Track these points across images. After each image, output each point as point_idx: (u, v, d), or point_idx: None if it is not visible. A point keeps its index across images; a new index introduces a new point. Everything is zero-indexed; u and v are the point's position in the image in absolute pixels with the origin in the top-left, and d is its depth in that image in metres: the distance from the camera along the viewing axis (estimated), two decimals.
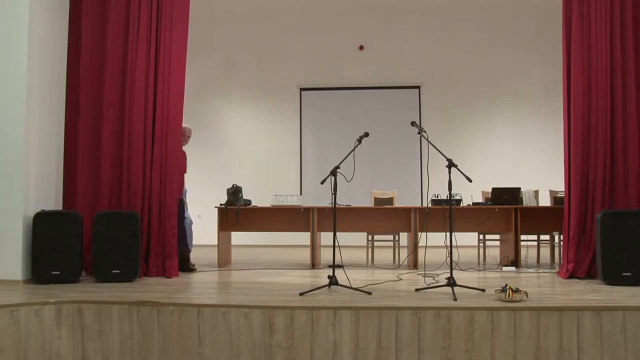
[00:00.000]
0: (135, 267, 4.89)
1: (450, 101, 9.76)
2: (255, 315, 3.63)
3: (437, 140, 4.99)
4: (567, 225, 5.13)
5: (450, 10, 9.73)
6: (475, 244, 6.79)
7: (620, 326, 3.51)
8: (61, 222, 4.76)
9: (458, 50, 9.77)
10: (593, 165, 5.05)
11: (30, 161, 4.82)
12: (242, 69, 10.12)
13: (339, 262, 4.91)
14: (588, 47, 5.14)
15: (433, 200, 6.05)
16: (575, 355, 3.49)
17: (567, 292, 4.34)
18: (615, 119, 5.07)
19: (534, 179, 8.25)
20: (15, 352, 3.61)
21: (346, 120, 9.67)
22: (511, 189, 6.03)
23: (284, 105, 10.05)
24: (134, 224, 4.91)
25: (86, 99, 5.29)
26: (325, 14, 9.90)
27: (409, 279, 5.09)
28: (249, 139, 10.06)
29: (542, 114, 9.42)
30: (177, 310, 3.71)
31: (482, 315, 3.54)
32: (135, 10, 5.28)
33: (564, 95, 5.26)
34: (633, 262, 4.59)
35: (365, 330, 3.56)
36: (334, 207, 4.55)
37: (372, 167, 9.41)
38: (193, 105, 8.53)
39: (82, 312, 3.80)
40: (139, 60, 5.24)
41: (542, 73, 9.45)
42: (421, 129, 4.73)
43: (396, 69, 9.85)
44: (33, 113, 4.85)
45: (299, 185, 9.89)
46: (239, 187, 6.16)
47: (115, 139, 5.26)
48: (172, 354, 3.68)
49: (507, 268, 5.76)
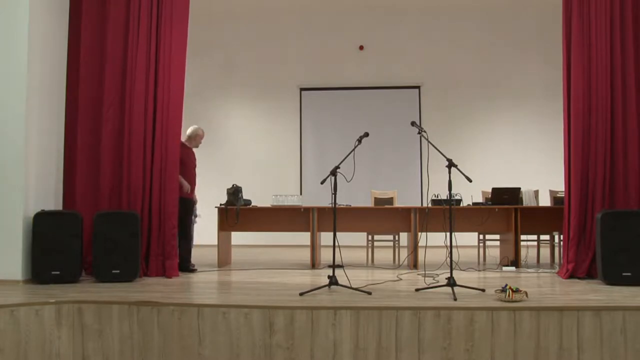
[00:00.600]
0: (135, 267, 4.89)
1: (450, 101, 9.76)
2: (255, 315, 3.63)
3: (437, 140, 4.99)
4: (567, 225, 5.13)
5: (450, 10, 9.73)
6: (475, 244, 6.79)
7: (620, 326, 3.51)
8: (61, 222, 4.76)
9: (458, 50, 9.77)
10: (593, 165, 5.05)
11: (30, 161, 4.82)
12: (242, 69, 10.12)
13: (339, 262, 4.92)
14: (588, 47, 5.14)
15: (433, 200, 6.05)
16: (575, 355, 3.49)
17: (567, 292, 4.34)
18: (615, 119, 5.06)
19: (534, 179, 8.25)
20: (15, 352, 3.61)
21: (346, 120, 9.67)
22: (511, 189, 6.03)
23: (284, 105, 10.05)
24: (134, 224, 4.91)
25: (86, 98, 5.29)
26: (325, 14, 9.90)
27: (409, 279, 5.09)
28: (249, 139, 10.06)
29: (542, 114, 9.42)
30: (177, 310, 3.71)
31: (482, 315, 3.54)
32: (135, 10, 5.28)
33: (564, 95, 5.26)
34: (633, 262, 4.59)
35: (365, 330, 3.56)
36: (334, 207, 4.55)
37: (372, 167, 9.41)
38: (193, 105, 8.55)
39: (82, 312, 3.80)
40: (139, 59, 5.24)
41: (542, 73, 9.45)
42: (421, 129, 4.73)
43: (396, 69, 9.85)
44: (33, 113, 4.85)
45: (299, 185, 9.89)
46: (239, 187, 6.16)
47: (115, 139, 5.26)
48: (172, 354, 3.68)
49: (507, 268, 5.76)
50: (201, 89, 9.87)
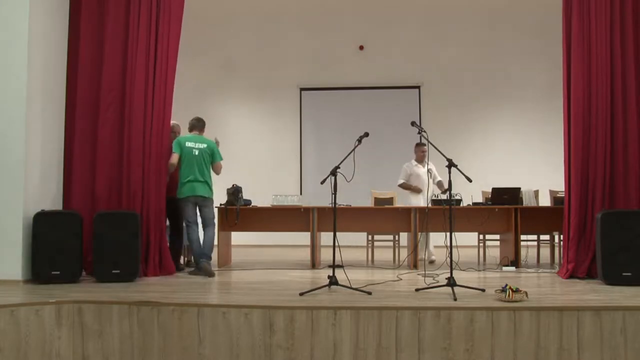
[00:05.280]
0: (135, 267, 4.89)
1: (450, 101, 9.76)
2: (255, 315, 3.63)
3: (437, 140, 4.98)
4: (567, 225, 5.13)
5: (450, 10, 9.73)
6: (475, 244, 6.79)
7: (620, 326, 3.51)
8: (61, 222, 4.76)
9: (458, 50, 9.77)
10: (593, 165, 5.05)
11: (30, 161, 4.81)
12: (242, 69, 10.11)
13: (339, 262, 4.91)
14: (588, 47, 5.14)
15: (433, 200, 6.05)
16: (575, 355, 3.49)
17: (567, 292, 4.34)
18: (615, 119, 5.06)
19: (534, 179, 8.23)
20: (15, 352, 3.61)
21: (346, 120, 9.67)
22: (511, 189, 6.03)
23: (284, 105, 10.05)
24: (134, 224, 4.91)
25: (85, 98, 5.29)
26: (325, 14, 9.89)
27: (409, 279, 5.09)
28: (249, 139, 10.06)
29: (542, 113, 9.42)
30: (177, 310, 3.71)
31: (482, 315, 3.54)
32: (135, 10, 5.28)
33: (564, 95, 5.26)
34: (633, 262, 4.59)
35: (365, 330, 3.56)
36: (334, 207, 4.54)
37: (372, 167, 9.40)
38: (193, 105, 8.55)
39: (82, 312, 3.80)
40: (139, 60, 5.25)
41: (542, 73, 9.44)
42: (421, 129, 4.73)
43: (396, 69, 9.85)
44: (33, 113, 4.85)
45: (299, 185, 9.89)
46: (239, 187, 6.16)
47: (114, 139, 5.26)
48: (172, 354, 3.68)
49: (507, 268, 5.76)
50: (201, 89, 9.87)
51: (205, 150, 5.56)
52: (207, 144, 5.60)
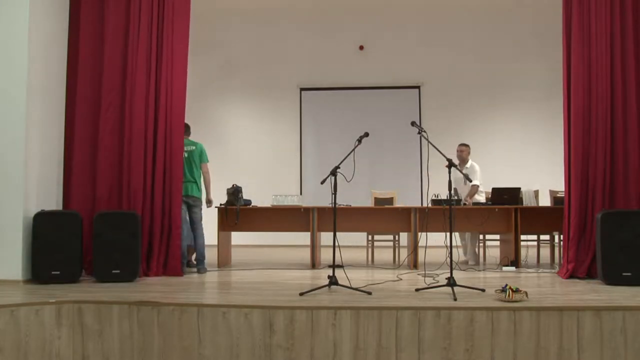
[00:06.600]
0: (135, 267, 4.89)
1: (450, 101, 9.75)
2: (255, 315, 3.63)
3: (437, 140, 4.98)
4: (567, 225, 5.13)
5: (450, 10, 9.72)
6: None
7: (620, 326, 3.51)
8: (61, 222, 4.76)
9: (458, 50, 9.76)
10: (593, 165, 5.05)
11: (31, 161, 4.81)
12: (242, 69, 10.11)
13: (339, 262, 4.91)
14: (588, 47, 5.14)
15: (433, 200, 6.04)
16: (575, 355, 3.49)
17: (567, 292, 4.34)
18: (615, 119, 5.06)
19: (534, 179, 8.24)
20: (15, 352, 3.61)
21: (346, 120, 9.66)
22: (511, 189, 6.03)
23: (284, 105, 10.05)
24: (134, 224, 4.91)
25: (86, 98, 5.29)
26: (326, 14, 9.89)
27: (409, 279, 5.09)
28: (249, 139, 10.06)
29: (542, 113, 9.41)
30: (177, 310, 3.71)
31: (482, 315, 3.54)
32: (135, 9, 5.28)
33: (564, 95, 5.26)
34: (633, 262, 4.59)
35: (365, 330, 3.56)
36: (334, 207, 4.54)
37: (372, 167, 9.40)
38: (193, 105, 8.50)
39: (82, 312, 3.80)
40: (140, 59, 5.25)
41: (542, 73, 9.43)
42: (421, 129, 4.73)
43: (396, 69, 9.84)
44: (33, 113, 4.85)
45: (299, 185, 9.88)
46: (239, 187, 6.16)
47: (115, 139, 5.26)
48: (172, 354, 3.68)
49: (507, 268, 5.76)
50: (201, 89, 9.85)
51: (195, 152, 5.76)
52: (195, 146, 5.78)
